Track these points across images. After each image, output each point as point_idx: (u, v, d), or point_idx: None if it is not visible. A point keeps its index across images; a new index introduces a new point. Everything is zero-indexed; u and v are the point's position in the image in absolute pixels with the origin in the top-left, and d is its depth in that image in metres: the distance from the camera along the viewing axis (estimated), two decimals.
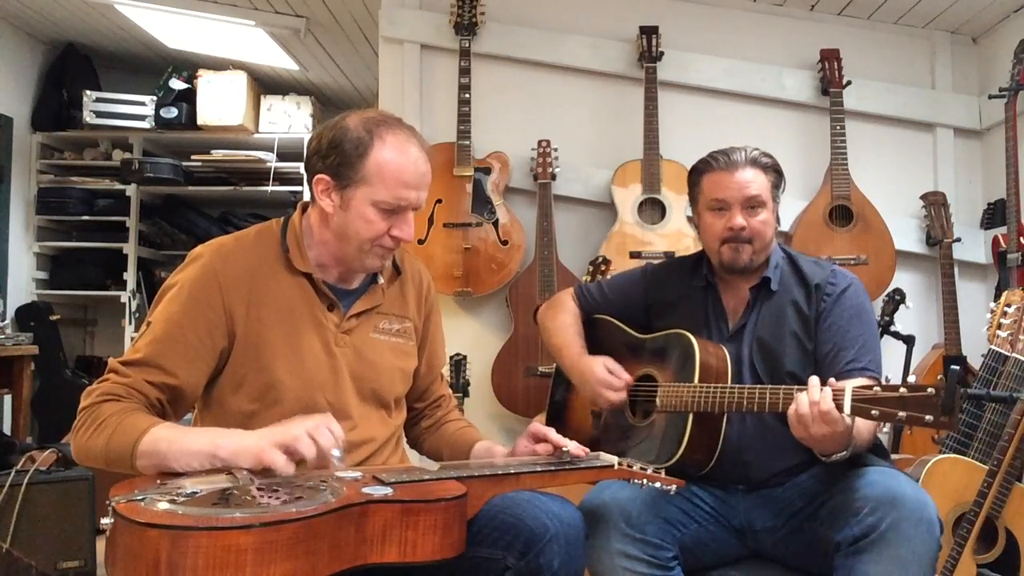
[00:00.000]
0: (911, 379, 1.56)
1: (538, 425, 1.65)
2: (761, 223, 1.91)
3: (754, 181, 1.91)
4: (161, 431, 1.40)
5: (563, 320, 2.14)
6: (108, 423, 1.42)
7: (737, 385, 1.78)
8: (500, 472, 1.49)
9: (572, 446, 1.59)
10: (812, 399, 1.58)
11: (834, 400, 1.57)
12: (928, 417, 1.47)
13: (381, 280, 1.71)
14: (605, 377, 1.95)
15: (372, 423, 1.66)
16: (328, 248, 1.63)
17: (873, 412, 1.52)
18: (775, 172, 1.95)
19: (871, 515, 1.60)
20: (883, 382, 1.84)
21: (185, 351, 1.52)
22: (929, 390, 1.47)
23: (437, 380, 1.89)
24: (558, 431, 2.10)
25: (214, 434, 1.42)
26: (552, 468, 1.53)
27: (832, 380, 1.62)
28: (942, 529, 1.64)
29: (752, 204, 1.91)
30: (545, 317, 2.20)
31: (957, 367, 1.49)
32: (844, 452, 1.65)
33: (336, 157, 1.56)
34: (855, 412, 1.54)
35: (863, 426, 1.67)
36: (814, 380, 1.62)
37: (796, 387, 1.65)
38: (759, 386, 1.74)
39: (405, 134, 1.59)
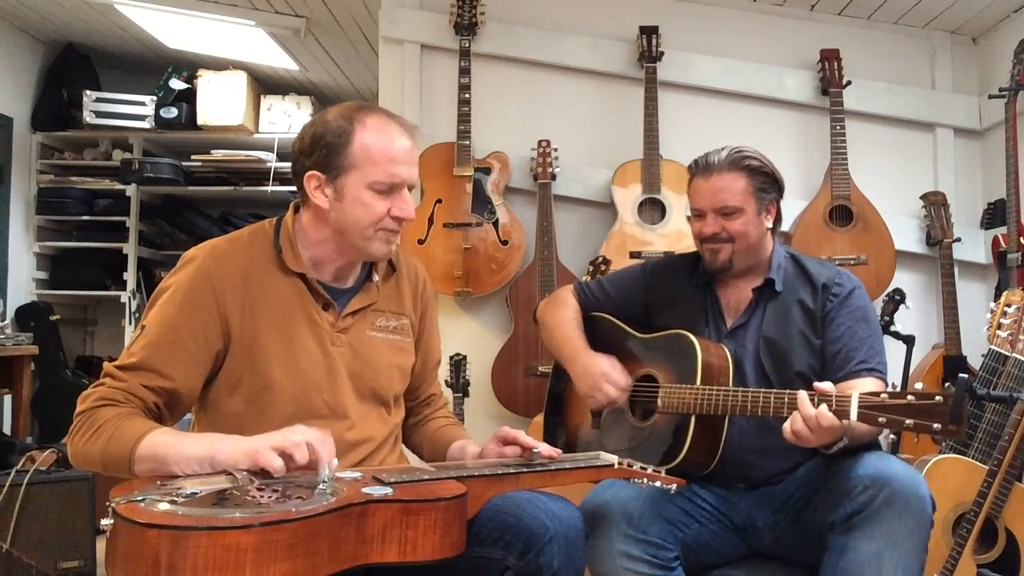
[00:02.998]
0: (919, 385, 1.54)
1: (508, 429, 1.63)
2: (740, 226, 1.91)
3: (728, 188, 1.90)
4: (159, 436, 1.40)
5: (564, 315, 2.14)
6: (105, 428, 1.42)
7: (740, 388, 1.78)
8: (500, 472, 1.49)
9: (543, 447, 1.57)
10: (807, 414, 1.59)
11: (839, 408, 1.57)
12: (936, 425, 1.46)
13: (376, 278, 1.70)
14: (609, 371, 1.95)
15: (370, 422, 1.65)
16: (328, 246, 1.62)
17: (880, 419, 1.52)
18: (760, 174, 1.92)
19: (863, 493, 1.62)
20: (888, 382, 1.85)
21: (181, 354, 1.52)
22: (937, 398, 1.47)
23: (430, 379, 1.88)
24: (557, 427, 2.12)
25: (212, 439, 1.42)
26: (552, 468, 1.53)
27: (828, 386, 1.61)
28: (934, 506, 1.65)
29: (725, 212, 1.91)
30: (545, 313, 2.20)
31: (966, 375, 1.48)
32: (843, 441, 1.65)
33: (321, 150, 1.56)
34: (862, 419, 1.54)
35: None
36: (803, 395, 1.61)
37: (799, 393, 1.65)
38: (763, 390, 1.74)
39: (384, 116, 1.60)
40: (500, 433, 1.63)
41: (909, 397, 1.50)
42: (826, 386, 1.62)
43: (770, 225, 1.96)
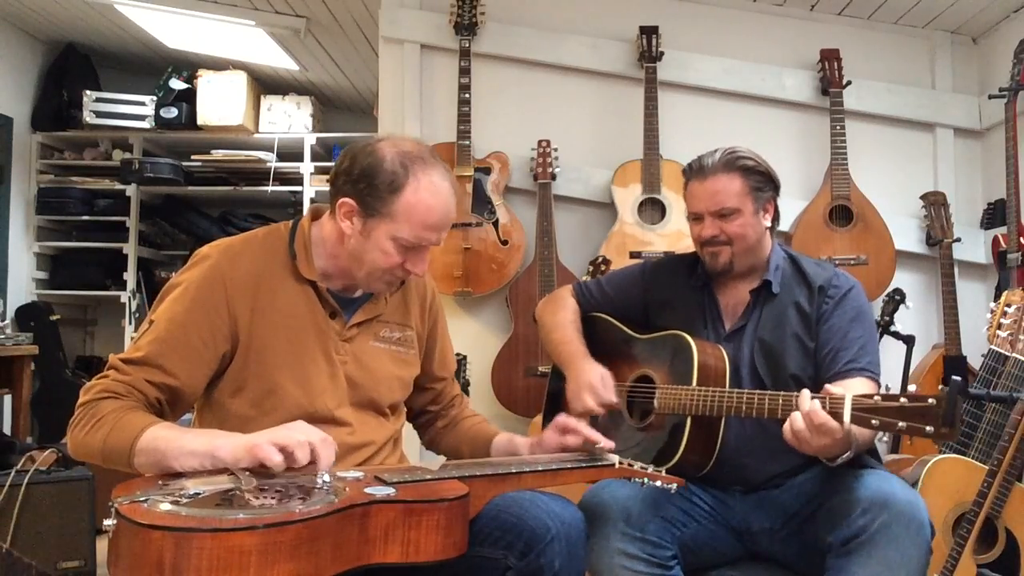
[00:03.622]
0: (912, 388, 1.54)
1: (566, 417, 1.65)
2: (738, 227, 1.90)
3: (724, 190, 1.89)
4: (160, 430, 1.40)
5: (563, 316, 2.13)
6: (106, 420, 1.42)
7: (736, 390, 1.78)
8: (502, 471, 1.49)
9: (605, 441, 1.60)
10: (803, 411, 1.57)
11: (832, 410, 1.56)
12: (928, 428, 1.46)
13: None
14: (596, 384, 1.93)
15: (370, 427, 1.66)
16: (338, 263, 1.63)
17: (873, 422, 1.52)
18: (755, 173, 1.91)
19: (862, 516, 1.61)
20: (881, 384, 1.85)
21: (187, 353, 1.52)
22: (930, 400, 1.46)
23: (449, 383, 1.90)
24: None
25: (212, 435, 1.42)
26: (553, 467, 1.53)
27: (830, 389, 1.60)
28: (933, 532, 1.64)
29: (722, 214, 1.90)
30: (544, 312, 2.20)
31: (959, 377, 1.48)
32: (848, 453, 1.65)
33: (366, 186, 1.54)
34: (855, 422, 1.54)
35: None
36: (805, 393, 1.60)
37: (795, 395, 1.64)
38: (758, 391, 1.74)
39: (439, 173, 1.57)
40: (559, 421, 1.65)
41: (902, 400, 1.49)
42: (829, 389, 1.61)
43: (768, 224, 1.96)
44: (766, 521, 1.84)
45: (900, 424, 1.49)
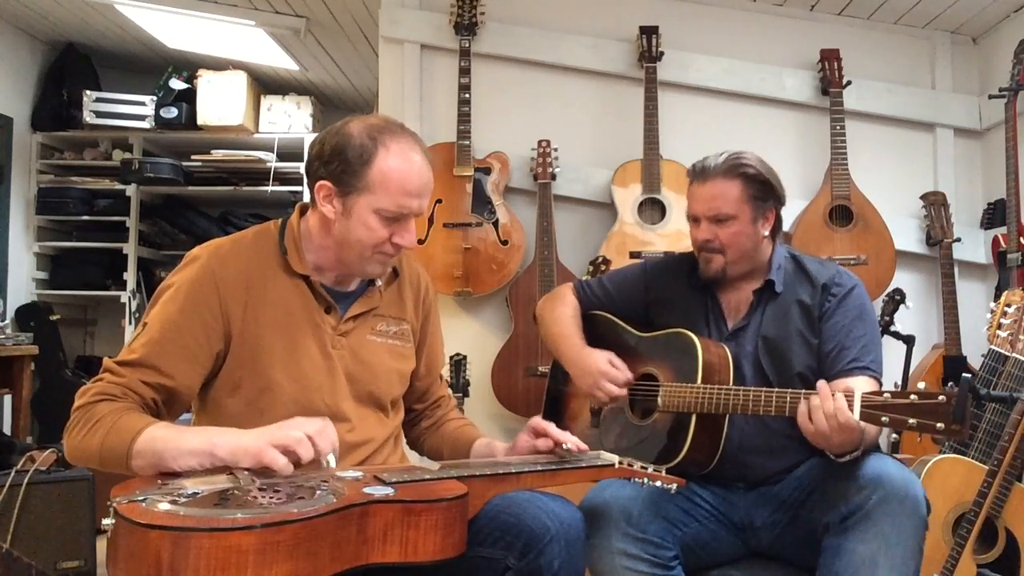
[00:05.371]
0: (921, 385, 1.54)
1: (539, 420, 1.65)
2: (732, 235, 1.90)
3: (722, 195, 1.90)
4: (157, 431, 1.39)
5: (562, 312, 2.14)
6: (103, 423, 1.41)
7: (742, 387, 1.78)
8: (501, 471, 1.49)
9: (572, 442, 1.59)
10: (828, 412, 1.58)
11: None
12: (939, 425, 1.46)
13: (379, 282, 1.70)
14: (608, 369, 1.95)
15: (370, 424, 1.66)
16: (328, 253, 1.63)
17: (883, 419, 1.52)
18: (758, 182, 1.91)
19: (857, 494, 1.62)
20: (883, 382, 1.85)
21: (181, 353, 1.52)
22: (940, 398, 1.47)
23: (436, 381, 1.89)
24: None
25: (211, 433, 1.41)
26: (553, 467, 1.53)
27: (841, 385, 1.60)
28: (929, 509, 1.65)
29: (719, 219, 1.90)
30: (544, 309, 2.20)
31: (969, 375, 1.48)
32: (857, 451, 1.65)
33: (339, 164, 1.55)
34: (865, 419, 1.54)
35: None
36: (824, 391, 1.60)
37: (803, 392, 1.64)
38: (764, 388, 1.74)
39: (408, 141, 1.59)
40: (532, 424, 1.64)
41: (912, 397, 1.50)
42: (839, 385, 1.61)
43: (766, 233, 1.95)
44: (768, 515, 1.84)
45: (910, 421, 1.49)
